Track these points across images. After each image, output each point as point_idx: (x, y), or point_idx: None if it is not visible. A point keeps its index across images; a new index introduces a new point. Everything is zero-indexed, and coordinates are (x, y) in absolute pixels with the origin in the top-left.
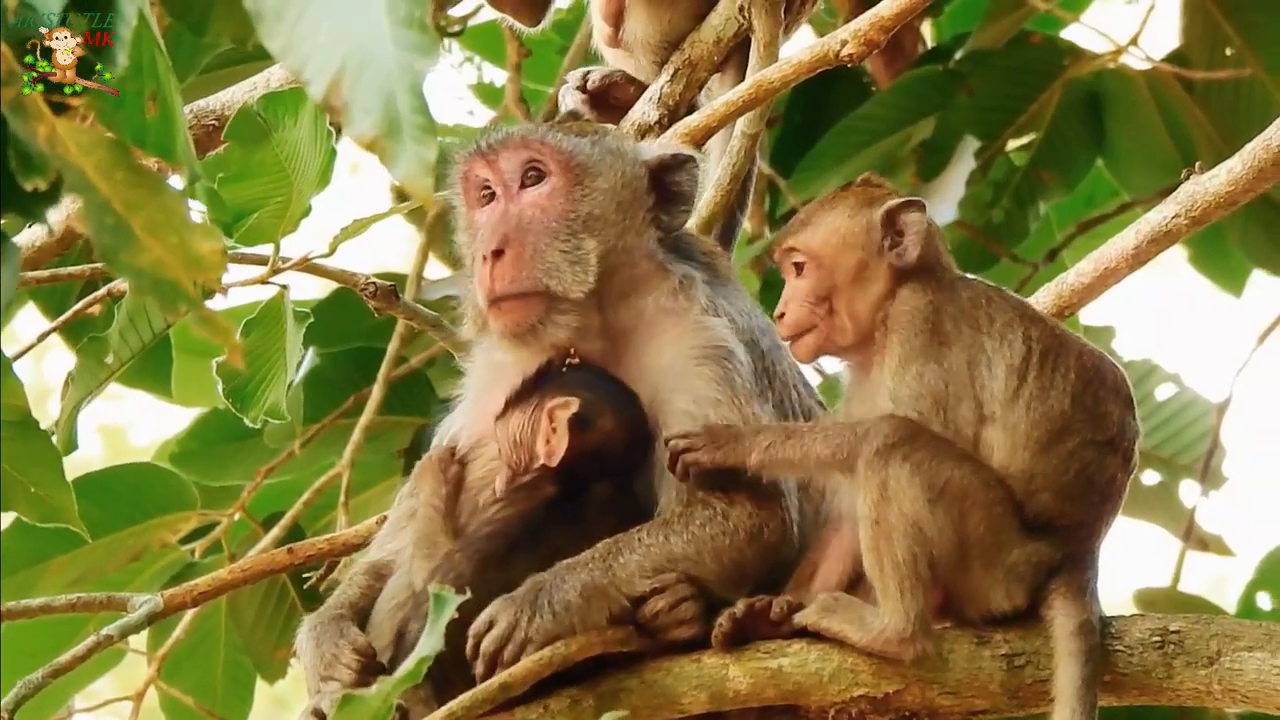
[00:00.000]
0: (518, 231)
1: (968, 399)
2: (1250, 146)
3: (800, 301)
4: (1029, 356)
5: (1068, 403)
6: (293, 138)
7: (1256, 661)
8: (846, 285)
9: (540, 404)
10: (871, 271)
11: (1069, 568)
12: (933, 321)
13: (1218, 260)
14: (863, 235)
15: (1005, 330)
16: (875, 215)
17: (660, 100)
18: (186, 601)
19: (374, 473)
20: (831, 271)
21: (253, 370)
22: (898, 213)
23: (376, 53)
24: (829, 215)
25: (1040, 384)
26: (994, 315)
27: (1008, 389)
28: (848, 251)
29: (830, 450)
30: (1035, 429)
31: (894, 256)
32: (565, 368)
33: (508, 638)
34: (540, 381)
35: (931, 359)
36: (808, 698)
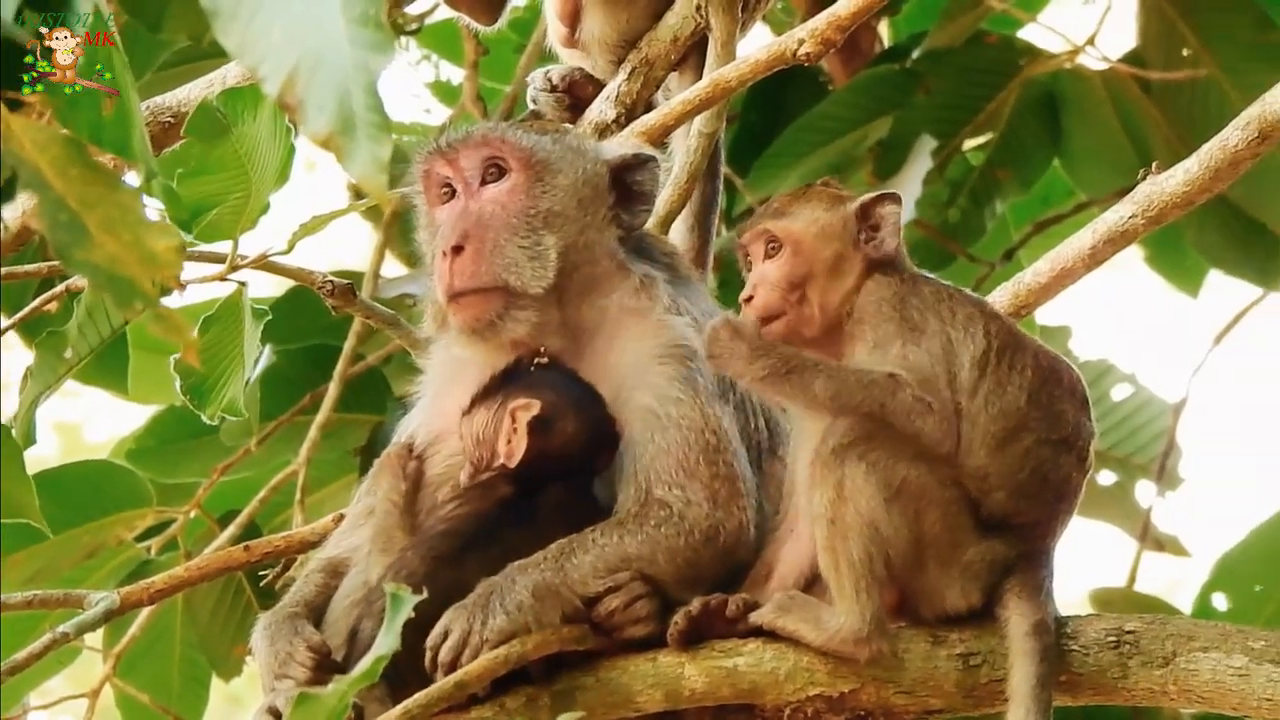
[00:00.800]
0: (478, 227)
1: (945, 385)
2: (1207, 147)
3: (772, 286)
4: (989, 350)
5: (1024, 399)
6: (252, 134)
7: (1212, 662)
8: (822, 274)
9: (504, 403)
10: (847, 264)
11: (1024, 567)
12: (900, 310)
13: (1174, 260)
14: (840, 227)
15: (967, 323)
16: (850, 209)
17: (618, 98)
18: (143, 599)
19: (330, 470)
20: (810, 259)
21: (210, 367)
22: (873, 206)
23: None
24: (806, 206)
25: (998, 379)
26: (955, 309)
27: (970, 381)
28: (826, 241)
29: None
30: (993, 424)
31: (870, 249)
32: (534, 366)
33: (463, 644)
34: (507, 379)
35: (910, 341)
36: (763, 697)
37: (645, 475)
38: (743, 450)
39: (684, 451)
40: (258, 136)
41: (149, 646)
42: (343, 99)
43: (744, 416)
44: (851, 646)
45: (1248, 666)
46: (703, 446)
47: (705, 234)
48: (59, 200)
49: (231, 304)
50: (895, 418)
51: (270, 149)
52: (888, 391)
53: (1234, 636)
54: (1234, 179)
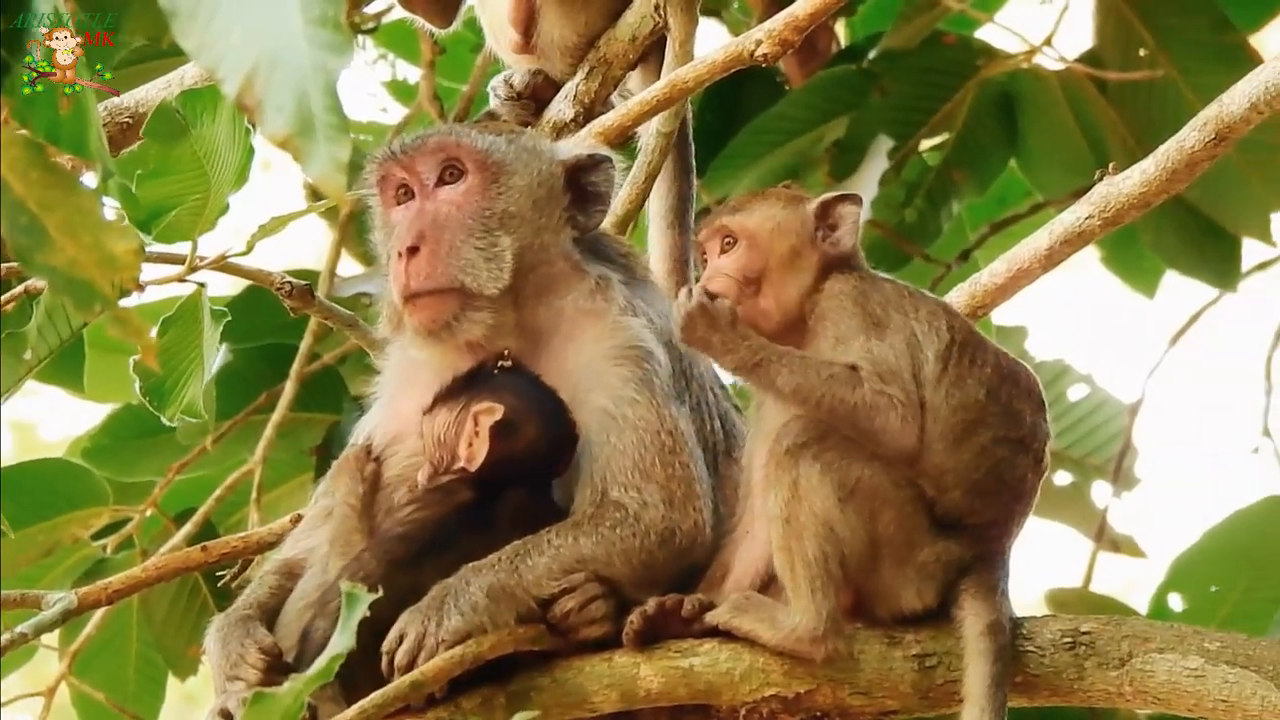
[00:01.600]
0: (433, 228)
1: (910, 379)
2: (1164, 148)
3: (726, 278)
4: (951, 345)
5: (983, 394)
6: (211, 135)
7: (1167, 663)
8: (778, 269)
9: (467, 405)
10: (803, 261)
11: (979, 567)
12: (862, 305)
13: (1130, 261)
14: (797, 224)
15: (931, 318)
16: (809, 208)
17: (576, 98)
18: (101, 599)
19: (286, 469)
20: (765, 253)
21: (169, 369)
22: (832, 205)
23: (290, 51)
24: (765, 203)
25: (959, 373)
26: (918, 304)
27: (934, 374)
28: (783, 237)
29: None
30: (953, 416)
31: (828, 246)
32: (497, 369)
33: (419, 647)
34: (470, 381)
35: (874, 336)
36: (719, 697)
37: (601, 476)
38: (699, 451)
39: (640, 453)
40: (216, 137)
41: (105, 645)
42: (301, 100)
43: (700, 418)
44: (807, 646)
45: (1203, 668)
46: (659, 448)
47: (684, 232)
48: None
49: (190, 305)
50: (857, 413)
51: (229, 150)
52: (848, 386)
53: (1190, 638)
54: (1191, 180)
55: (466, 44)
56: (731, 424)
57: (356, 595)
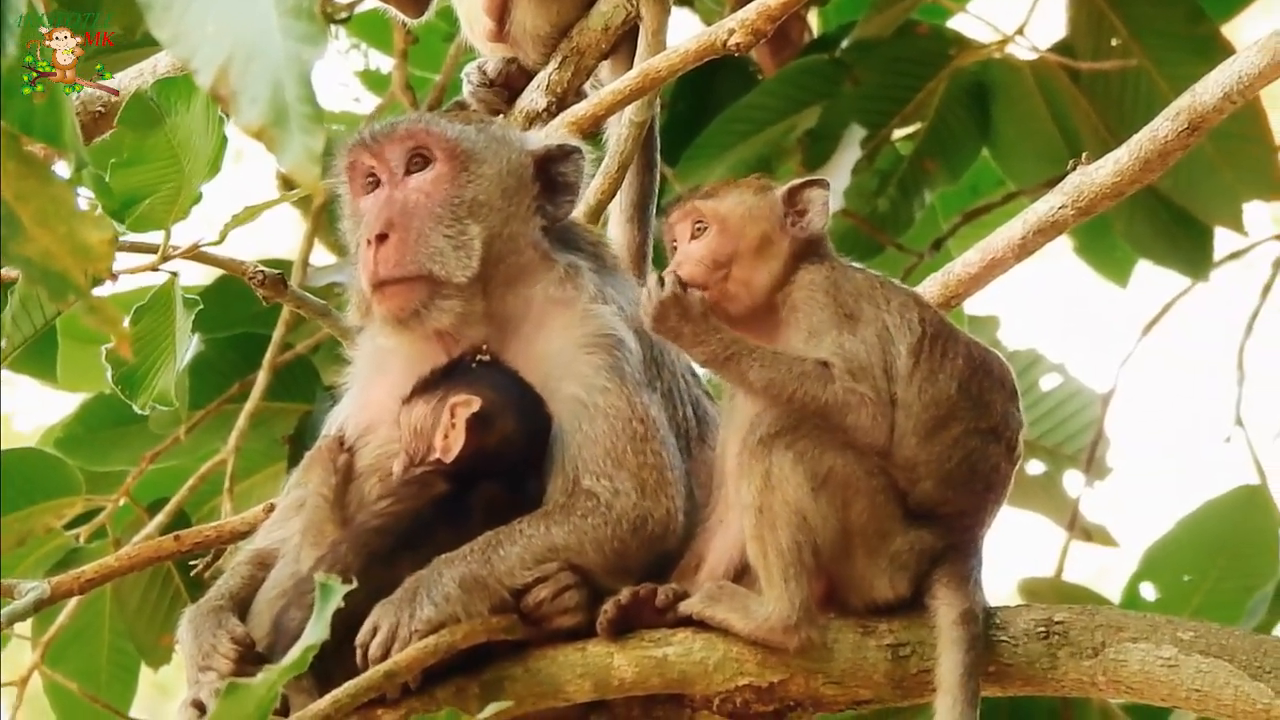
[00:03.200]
0: (402, 216)
1: (881, 375)
2: (1137, 138)
3: (696, 262)
4: (923, 338)
5: (954, 388)
6: (185, 124)
7: (1141, 652)
8: (748, 254)
9: (444, 397)
10: (774, 247)
11: (952, 556)
12: (834, 296)
13: (1103, 251)
14: (768, 210)
15: (902, 310)
16: (778, 194)
17: (548, 87)
18: (74, 588)
19: (259, 459)
20: (736, 238)
21: (142, 357)
22: (800, 191)
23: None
24: (735, 189)
25: (930, 367)
26: (890, 296)
27: (906, 369)
28: (754, 222)
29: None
30: (925, 411)
31: (797, 230)
32: (475, 362)
33: (392, 639)
34: (449, 373)
35: (846, 330)
36: (693, 687)
37: (573, 465)
38: (671, 439)
39: (611, 440)
40: (190, 127)
41: (78, 635)
42: (276, 90)
43: (672, 405)
44: (780, 635)
45: (1176, 657)
46: (630, 435)
47: (644, 226)
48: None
49: (163, 294)
50: (829, 410)
51: (203, 139)
52: (820, 383)
53: (1163, 627)
54: (1164, 170)
55: (439, 34)
56: (704, 411)
57: (331, 586)
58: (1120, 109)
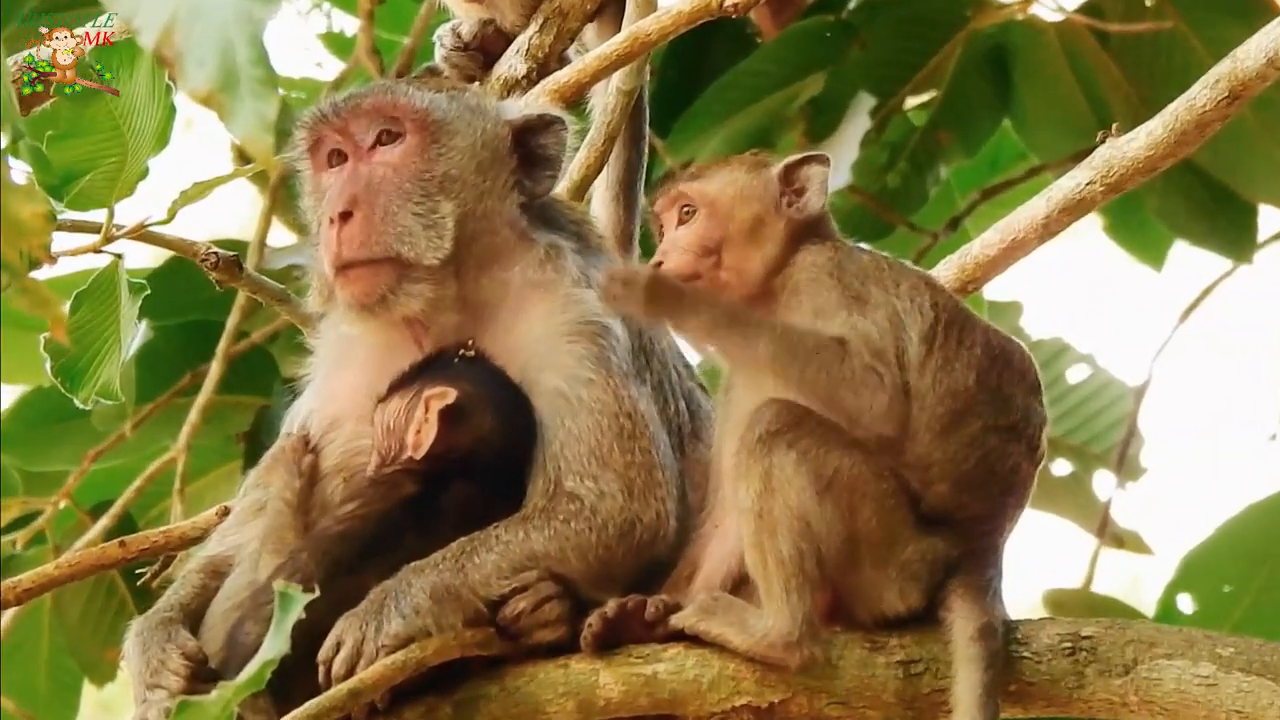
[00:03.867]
0: (368, 193)
1: (894, 360)
2: (1172, 107)
3: (683, 250)
4: (936, 325)
5: (972, 380)
6: (128, 93)
7: (1176, 670)
8: (739, 238)
9: (419, 391)
10: (767, 229)
11: (968, 566)
12: (839, 278)
13: (1136, 231)
14: (760, 189)
15: (913, 294)
16: (773, 172)
17: (529, 52)
18: (10, 599)
19: (211, 457)
20: (725, 221)
21: (83, 347)
22: (797, 168)
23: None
24: (726, 168)
25: (945, 356)
26: (899, 279)
27: (918, 357)
28: (744, 203)
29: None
30: (940, 405)
31: (794, 211)
32: (458, 358)
33: (357, 654)
34: (426, 368)
35: (856, 311)
36: (685, 707)
37: (554, 465)
38: (662, 435)
39: (596, 438)
40: (134, 95)
41: (14, 649)
42: (225, 52)
43: (662, 398)
44: (781, 652)
45: (1215, 675)
46: (616, 432)
47: (630, 205)
48: None
49: (106, 278)
50: (842, 388)
51: (148, 109)
52: (836, 358)
53: (1200, 642)
54: (1201, 142)
55: None
56: (697, 404)
57: (291, 596)
58: (1153, 75)
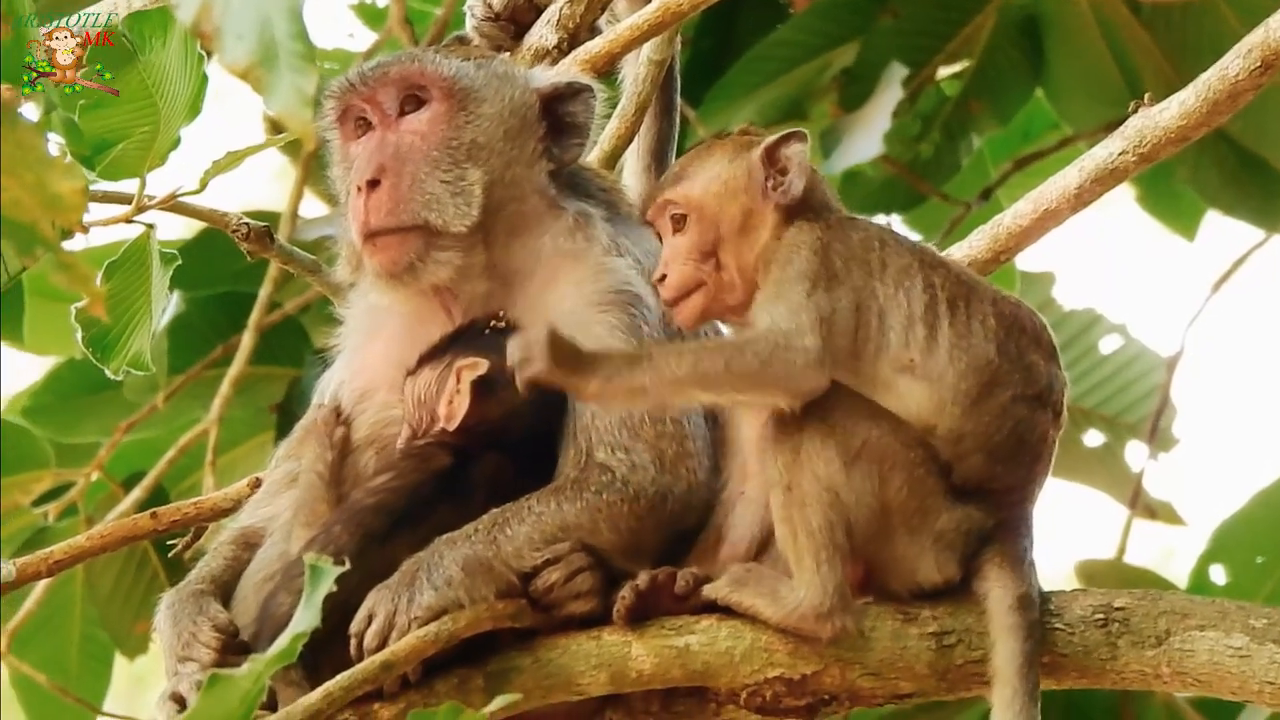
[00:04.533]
0: (395, 160)
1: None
2: (1205, 77)
3: (683, 260)
4: (935, 303)
5: (993, 350)
6: (161, 62)
7: (1209, 641)
8: (733, 236)
9: (450, 363)
10: (757, 218)
11: (1003, 535)
12: (820, 255)
13: (1168, 201)
14: (744, 179)
15: (901, 277)
16: (754, 156)
17: (559, 22)
18: (41, 570)
19: (243, 429)
20: (716, 222)
21: (115, 318)
22: (776, 149)
23: None
24: (706, 164)
25: (958, 332)
26: (887, 259)
27: (921, 339)
28: (730, 199)
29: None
30: (963, 381)
31: (779, 195)
32: (489, 329)
33: (390, 626)
34: (457, 339)
35: (819, 287)
36: (717, 679)
37: (585, 436)
38: None
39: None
40: (167, 65)
41: (45, 622)
42: (263, 26)
43: None
44: (812, 623)
45: (1248, 646)
46: None
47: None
48: None
49: (137, 248)
50: (763, 371)
51: (181, 79)
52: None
53: (1233, 614)
54: (1234, 112)
55: None
56: None
57: (322, 569)
58: (1185, 44)
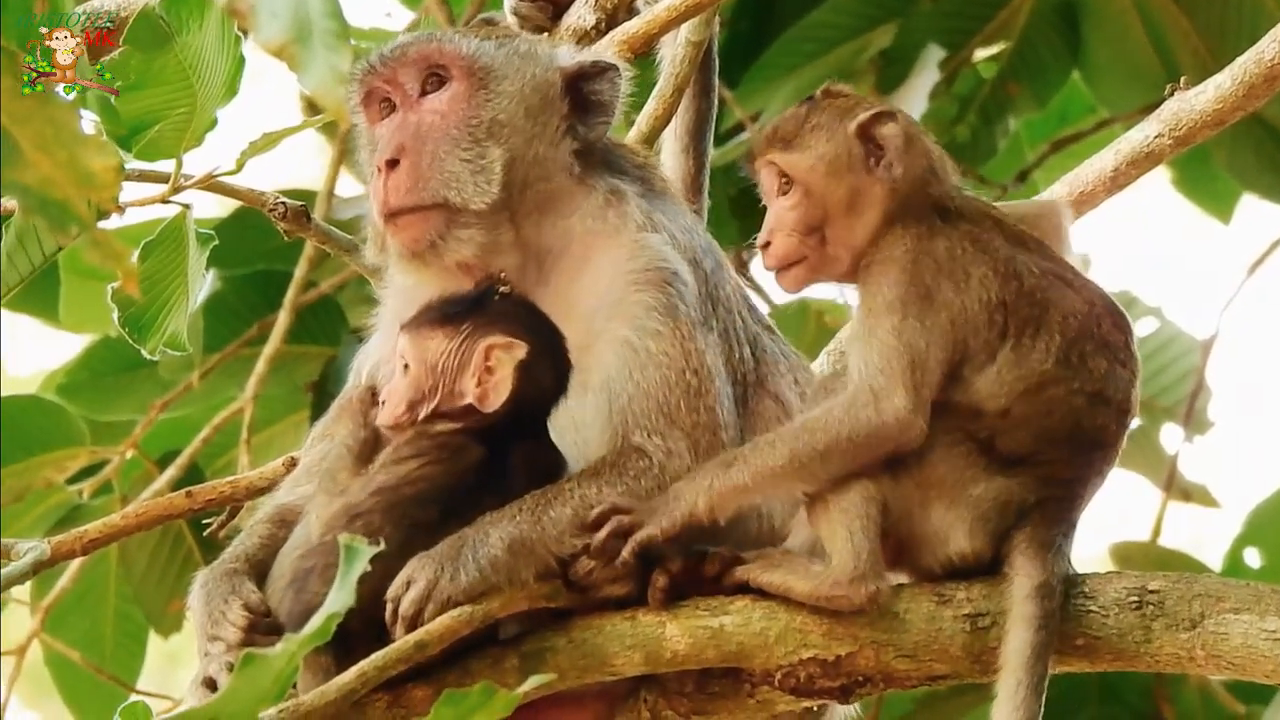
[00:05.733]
0: (415, 140)
1: (942, 360)
2: (1241, 60)
3: (788, 232)
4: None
5: (1050, 363)
6: (197, 43)
7: (1243, 625)
8: (840, 215)
9: (473, 334)
10: (866, 197)
11: (1039, 518)
12: (910, 273)
13: (1204, 184)
14: (846, 157)
15: (981, 290)
16: (851, 131)
17: (597, 3)
18: (76, 549)
19: (279, 407)
20: (823, 201)
21: (151, 297)
22: (869, 128)
23: None
24: (809, 138)
25: (1018, 355)
26: (970, 268)
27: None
28: (836, 179)
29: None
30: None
31: (883, 172)
32: (497, 295)
33: (427, 597)
34: (470, 306)
35: (910, 314)
36: (751, 660)
37: (622, 419)
38: (727, 391)
39: (664, 393)
40: (203, 46)
41: (80, 600)
42: (298, 4)
43: (728, 345)
44: (845, 589)
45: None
46: (684, 389)
47: (699, 157)
48: None
49: (174, 228)
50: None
51: (217, 60)
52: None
53: (1268, 597)
54: (1270, 96)
55: None
56: (763, 349)
57: (356, 548)
58: (1223, 28)
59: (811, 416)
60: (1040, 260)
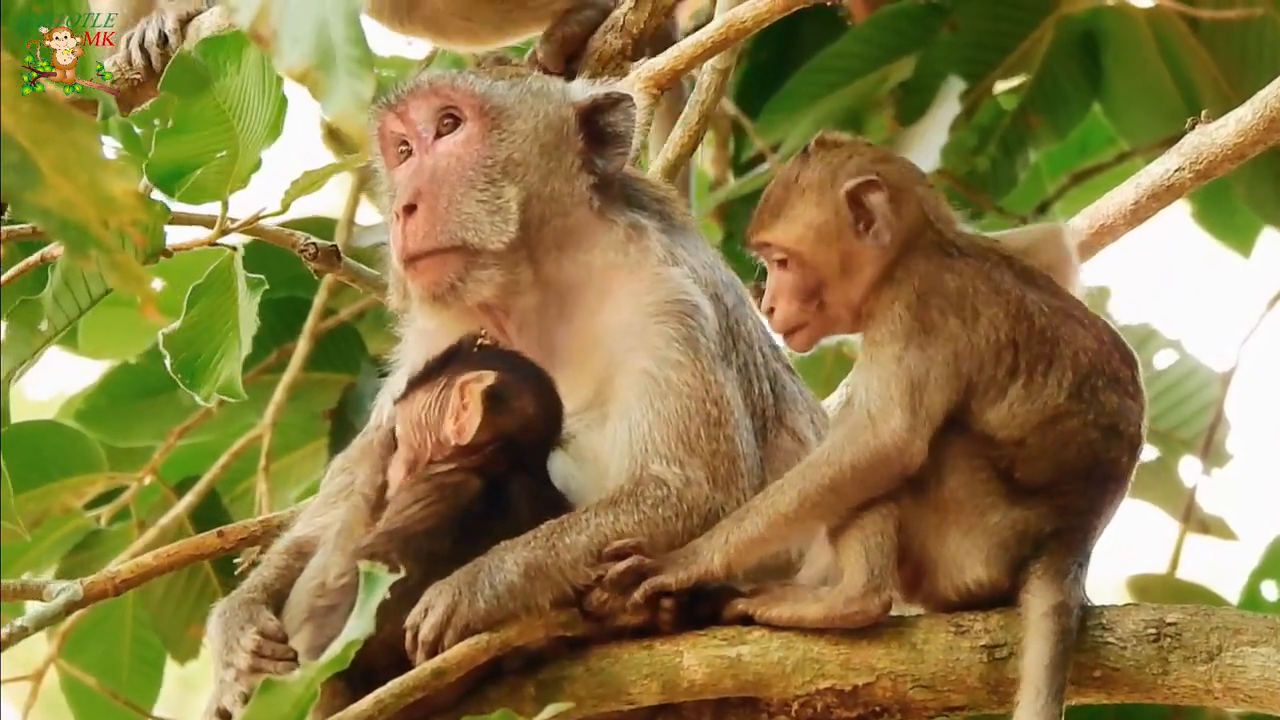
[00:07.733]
0: (431, 184)
1: (944, 387)
2: (1262, 94)
3: (788, 298)
4: (1011, 369)
5: (1062, 398)
6: (237, 85)
7: (1261, 658)
8: (835, 279)
9: (449, 382)
10: (858, 259)
11: (1055, 548)
12: (914, 311)
13: (1224, 217)
14: (835, 223)
15: (989, 331)
16: (840, 197)
17: (624, 28)
18: (109, 590)
19: (297, 434)
20: (816, 268)
21: (202, 342)
22: (857, 196)
23: None
24: (797, 206)
25: (1028, 392)
26: (980, 308)
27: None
28: (826, 246)
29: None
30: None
31: (871, 239)
32: (476, 347)
33: (447, 622)
34: (447, 361)
35: (913, 345)
36: (769, 690)
37: (641, 447)
38: (746, 422)
39: (684, 422)
40: (243, 87)
41: (97, 625)
42: (321, 30)
43: (747, 381)
44: (859, 603)
45: None
46: (704, 418)
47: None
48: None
49: (222, 271)
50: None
51: (258, 100)
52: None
53: None
54: None
55: None
56: (782, 387)
57: (376, 576)
58: (1243, 61)
59: (815, 453)
60: (1050, 298)
